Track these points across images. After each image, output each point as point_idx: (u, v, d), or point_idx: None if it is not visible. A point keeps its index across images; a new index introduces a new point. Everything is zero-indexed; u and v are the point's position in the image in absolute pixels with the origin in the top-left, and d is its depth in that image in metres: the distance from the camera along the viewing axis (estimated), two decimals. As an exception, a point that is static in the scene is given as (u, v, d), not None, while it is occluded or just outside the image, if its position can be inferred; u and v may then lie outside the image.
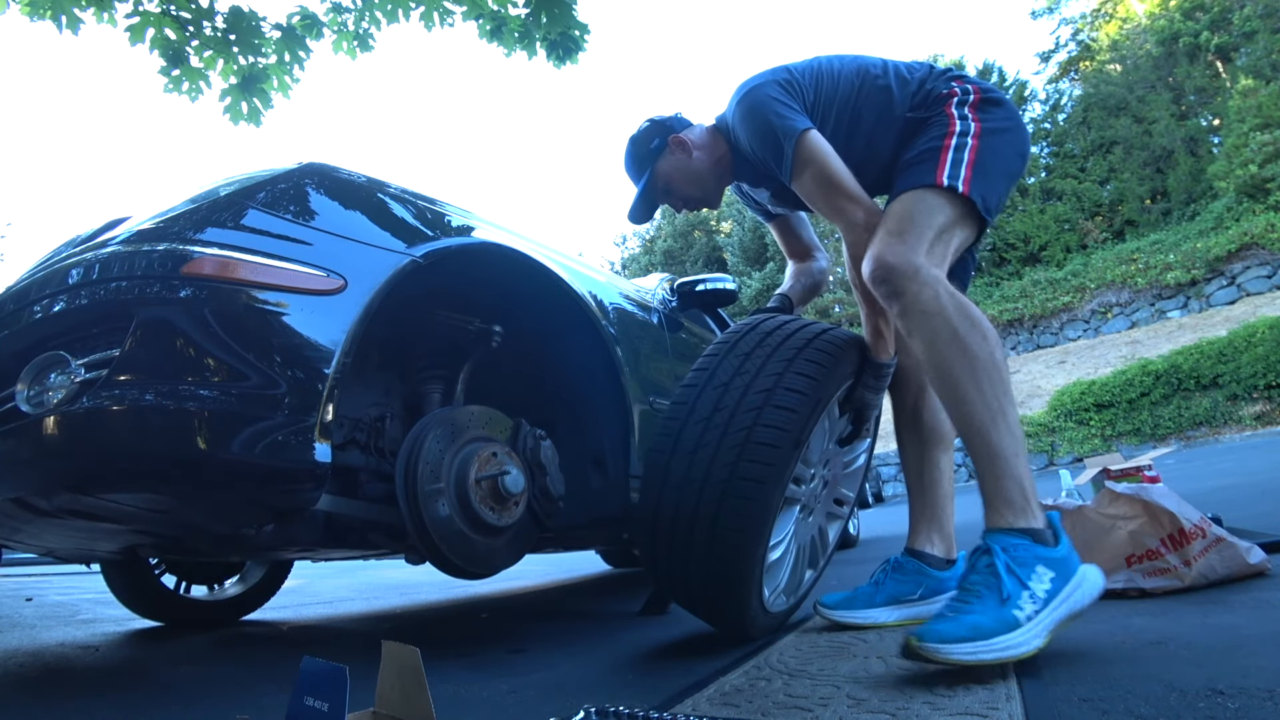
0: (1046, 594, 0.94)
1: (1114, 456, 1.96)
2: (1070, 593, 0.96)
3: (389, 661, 0.76)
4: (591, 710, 0.74)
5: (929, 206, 1.20)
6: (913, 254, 1.14)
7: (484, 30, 3.62)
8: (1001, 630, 0.90)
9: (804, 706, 0.87)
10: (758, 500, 1.14)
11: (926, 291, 1.12)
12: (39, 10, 3.14)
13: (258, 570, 2.42)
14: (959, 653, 0.88)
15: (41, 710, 1.14)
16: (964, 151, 1.24)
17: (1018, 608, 0.92)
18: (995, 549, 0.98)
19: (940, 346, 1.10)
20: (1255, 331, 9.95)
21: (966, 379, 1.08)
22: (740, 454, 1.15)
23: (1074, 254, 19.71)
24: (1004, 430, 1.06)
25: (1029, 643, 0.90)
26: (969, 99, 1.31)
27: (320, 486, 1.06)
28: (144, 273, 1.02)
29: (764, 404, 1.18)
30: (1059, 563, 0.98)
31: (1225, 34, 19.67)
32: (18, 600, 3.17)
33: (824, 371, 1.24)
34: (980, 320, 1.12)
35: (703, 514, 1.16)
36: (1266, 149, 15.30)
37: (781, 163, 1.30)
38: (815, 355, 1.25)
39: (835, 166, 1.27)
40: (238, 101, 3.55)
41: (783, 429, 1.16)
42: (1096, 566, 1.03)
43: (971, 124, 1.27)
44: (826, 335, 1.32)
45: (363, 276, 1.15)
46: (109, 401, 0.94)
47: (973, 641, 0.88)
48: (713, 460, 1.17)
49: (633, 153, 1.56)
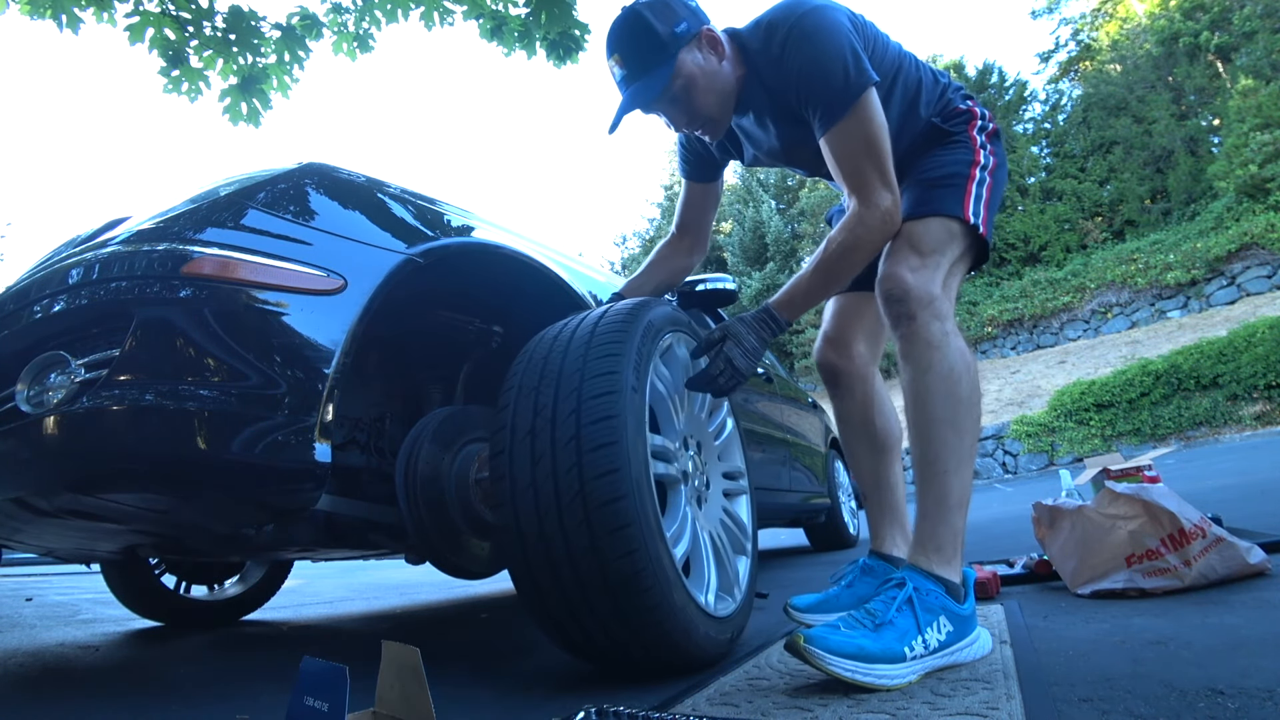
0: (939, 643, 0.98)
1: (1114, 456, 1.96)
2: (959, 649, 1.01)
3: (389, 661, 0.76)
4: (591, 710, 0.74)
5: (951, 236, 1.21)
6: (932, 283, 1.15)
7: (484, 30, 3.63)
8: (884, 660, 0.92)
9: (804, 707, 0.87)
10: (622, 488, 0.98)
11: (936, 325, 1.12)
12: (39, 10, 3.15)
13: (258, 570, 2.42)
14: (838, 666, 0.90)
15: (41, 710, 1.14)
16: (984, 188, 1.24)
17: (908, 645, 0.95)
18: (909, 585, 1.01)
19: (931, 380, 1.11)
20: (1255, 331, 9.95)
21: (946, 419, 1.10)
22: (579, 451, 0.99)
23: (1074, 254, 19.71)
24: (963, 480, 1.09)
25: (903, 677, 0.93)
26: (988, 127, 1.31)
27: (320, 486, 1.06)
28: (144, 273, 1.02)
29: (579, 398, 1.03)
30: (961, 619, 1.02)
31: (1225, 34, 19.67)
32: (18, 600, 3.17)
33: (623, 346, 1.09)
34: (973, 370, 1.14)
35: (572, 528, 0.98)
36: (1266, 149, 15.29)
37: (831, 104, 1.14)
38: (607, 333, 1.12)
39: (886, 136, 1.16)
40: (237, 102, 3.55)
41: (610, 416, 1.01)
42: (989, 633, 1.09)
43: (990, 158, 1.27)
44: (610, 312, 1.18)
45: (363, 276, 1.15)
46: (109, 401, 0.94)
47: (854, 661, 0.90)
48: (554, 471, 1.00)
49: (646, 30, 1.19)
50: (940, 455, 1.09)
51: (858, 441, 1.47)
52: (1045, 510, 1.59)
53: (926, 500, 1.09)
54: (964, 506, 1.08)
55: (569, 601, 1.01)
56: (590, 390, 1.03)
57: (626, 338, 1.10)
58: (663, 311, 1.25)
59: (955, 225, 1.21)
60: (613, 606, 0.99)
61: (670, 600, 1.01)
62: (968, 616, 1.03)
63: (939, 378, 1.10)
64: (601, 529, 0.97)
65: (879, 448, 1.45)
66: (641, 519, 0.99)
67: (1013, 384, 14.37)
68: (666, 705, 0.94)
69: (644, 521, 0.99)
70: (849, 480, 4.17)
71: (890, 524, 1.44)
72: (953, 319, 1.16)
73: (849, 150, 1.16)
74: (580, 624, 1.03)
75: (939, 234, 1.20)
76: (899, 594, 1.00)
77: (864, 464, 1.47)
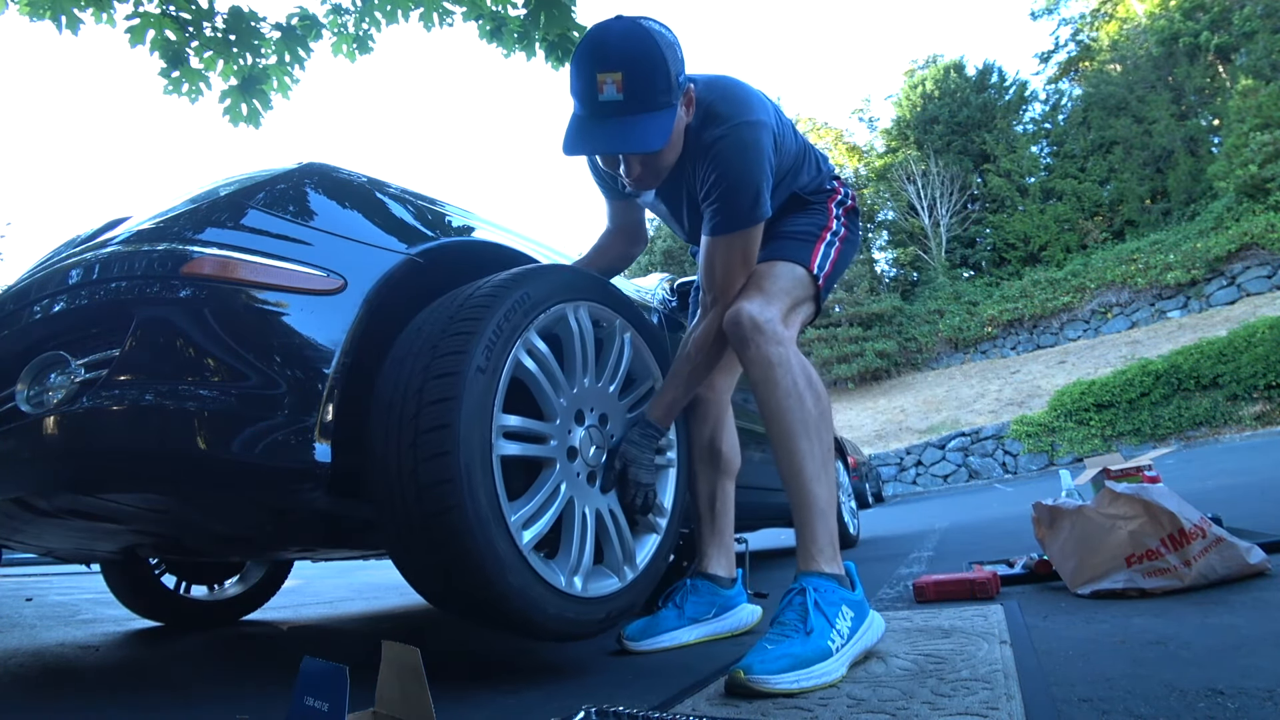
0: (849, 630, 1.05)
1: (1114, 456, 1.96)
2: (864, 631, 1.08)
3: (389, 661, 0.76)
4: (591, 710, 0.74)
5: (797, 280, 1.34)
6: (770, 311, 1.24)
7: (483, 31, 3.63)
8: (818, 659, 0.97)
9: (804, 707, 0.87)
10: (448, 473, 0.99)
11: (775, 348, 1.21)
12: (38, 11, 3.15)
13: (258, 570, 2.42)
14: (785, 682, 0.92)
15: (41, 710, 1.14)
16: (832, 249, 1.40)
17: (830, 640, 1.01)
18: (808, 589, 1.07)
19: (780, 396, 1.19)
20: (1255, 331, 9.96)
21: (800, 431, 1.18)
22: (416, 431, 1.01)
23: (1074, 254, 19.73)
24: (826, 484, 1.17)
25: (838, 670, 0.98)
26: (847, 203, 1.47)
27: (320, 486, 1.06)
28: (144, 273, 1.02)
29: (425, 376, 1.04)
30: (857, 604, 1.10)
31: (1225, 34, 19.69)
32: (18, 600, 3.17)
33: (479, 324, 1.08)
34: (817, 383, 1.24)
35: (406, 507, 1.01)
36: (1266, 149, 15.31)
37: (730, 220, 1.25)
38: (470, 307, 1.11)
39: (755, 257, 1.32)
40: (237, 102, 3.55)
41: (447, 398, 1.01)
42: (880, 616, 1.16)
43: (842, 228, 1.44)
44: (483, 286, 1.17)
45: (362, 276, 1.15)
46: (109, 401, 0.94)
47: (795, 670, 0.94)
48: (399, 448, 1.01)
49: (662, 63, 1.11)
50: (804, 465, 1.17)
51: (702, 464, 1.52)
52: (1045, 510, 1.59)
53: (802, 510, 1.16)
54: (833, 508, 1.18)
55: (418, 575, 1.09)
56: (436, 369, 1.04)
57: (487, 314, 1.10)
58: (552, 281, 1.22)
59: (800, 271, 1.35)
60: (447, 586, 1.05)
61: (505, 582, 1.03)
62: (861, 601, 1.12)
63: (786, 393, 1.19)
64: (429, 512, 0.99)
65: (720, 470, 1.52)
66: (469, 504, 0.99)
67: (1013, 384, 14.37)
68: (666, 705, 0.94)
69: (470, 507, 1.00)
70: (848, 480, 4.18)
71: (716, 546, 1.49)
72: (794, 345, 1.25)
73: (728, 260, 1.29)
74: (436, 595, 1.11)
75: (785, 277, 1.32)
76: (802, 600, 1.06)
77: (704, 487, 1.52)
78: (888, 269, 25.33)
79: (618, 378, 1.37)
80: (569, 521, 1.21)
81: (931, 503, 8.25)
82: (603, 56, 1.10)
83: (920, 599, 1.63)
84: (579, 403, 1.27)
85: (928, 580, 1.65)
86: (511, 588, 1.04)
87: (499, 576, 1.03)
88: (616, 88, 1.10)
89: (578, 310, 1.27)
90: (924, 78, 25.88)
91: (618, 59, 1.10)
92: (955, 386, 15.78)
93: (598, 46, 1.12)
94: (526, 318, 1.16)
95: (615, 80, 1.09)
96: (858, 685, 0.95)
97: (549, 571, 1.13)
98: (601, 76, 1.10)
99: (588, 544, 1.22)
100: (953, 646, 1.11)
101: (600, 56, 1.10)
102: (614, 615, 1.24)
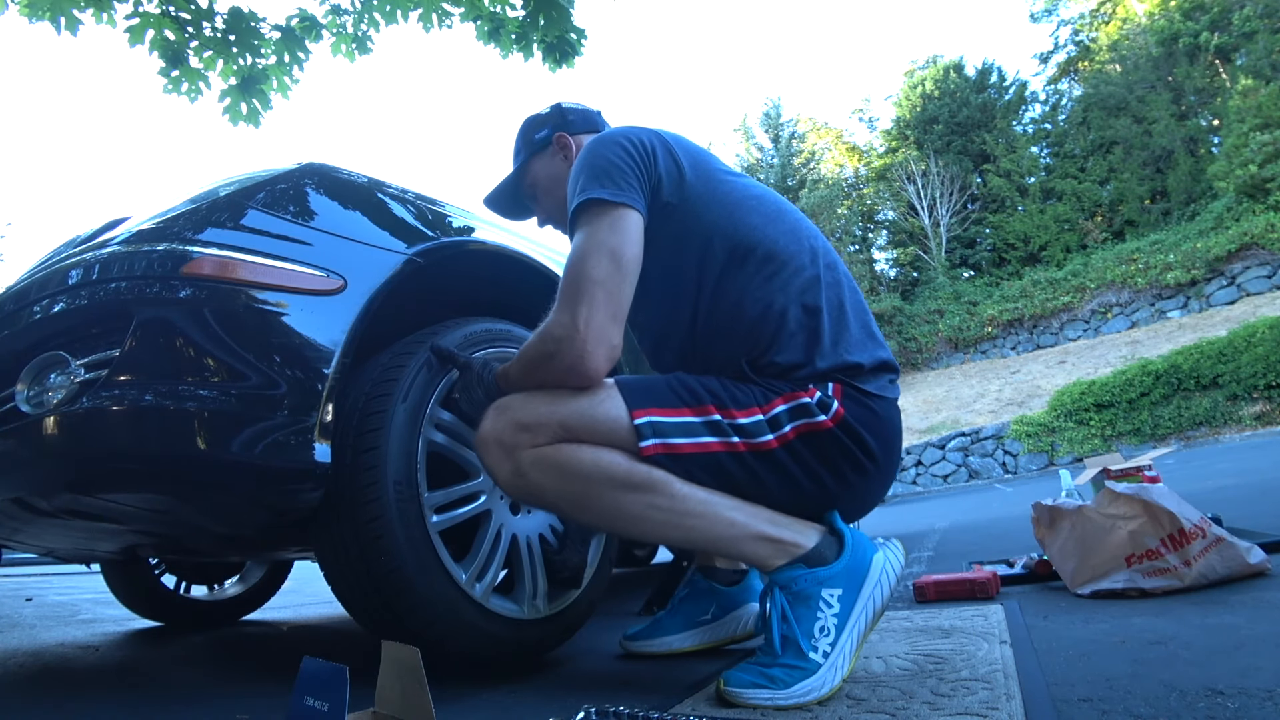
0: (838, 617, 0.92)
1: (1114, 456, 1.96)
2: (867, 596, 0.94)
3: (389, 661, 0.76)
4: (591, 710, 0.74)
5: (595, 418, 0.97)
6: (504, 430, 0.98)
7: (481, 32, 3.63)
8: (796, 679, 0.89)
9: (804, 707, 0.87)
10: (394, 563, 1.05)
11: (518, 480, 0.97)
12: (38, 11, 3.15)
13: (258, 570, 2.42)
14: (758, 699, 0.88)
15: (41, 710, 1.14)
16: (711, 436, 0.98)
17: (811, 649, 0.91)
18: (776, 591, 0.95)
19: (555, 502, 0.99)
20: (1255, 331, 9.95)
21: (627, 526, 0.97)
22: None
23: (1074, 254, 19.73)
24: (699, 526, 0.95)
25: (830, 680, 0.90)
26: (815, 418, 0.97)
27: (320, 486, 1.06)
28: (144, 273, 1.02)
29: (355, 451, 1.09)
30: (844, 574, 0.94)
31: (1225, 34, 19.68)
32: (18, 600, 3.18)
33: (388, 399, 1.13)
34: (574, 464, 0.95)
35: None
36: (1266, 149, 15.30)
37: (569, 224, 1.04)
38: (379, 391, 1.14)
39: (605, 261, 0.95)
40: (237, 102, 3.56)
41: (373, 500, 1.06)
42: (895, 543, 1.00)
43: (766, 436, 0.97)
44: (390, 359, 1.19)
45: (363, 276, 1.15)
46: (109, 402, 0.94)
47: (770, 690, 0.88)
48: None
49: (519, 135, 1.34)
50: (667, 537, 0.98)
51: None
52: (1045, 510, 1.59)
53: (712, 550, 1.07)
54: (720, 518, 0.95)
55: None
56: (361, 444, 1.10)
57: (390, 402, 1.12)
58: (445, 344, 1.20)
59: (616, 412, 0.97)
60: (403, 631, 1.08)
61: (471, 641, 1.12)
62: (847, 564, 0.95)
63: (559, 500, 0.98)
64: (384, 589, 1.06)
65: None
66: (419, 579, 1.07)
67: (1013, 384, 14.37)
68: (666, 705, 0.94)
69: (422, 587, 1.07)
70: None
71: None
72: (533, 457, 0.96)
73: (567, 259, 1.00)
74: None
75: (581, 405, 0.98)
76: (774, 603, 0.95)
77: None
78: (887, 269, 25.34)
79: None
80: (518, 554, 1.25)
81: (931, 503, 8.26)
82: None
83: (920, 599, 1.63)
84: None
85: (928, 580, 1.65)
86: (480, 636, 1.13)
87: (459, 628, 1.10)
88: None
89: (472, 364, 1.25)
90: (924, 78, 25.86)
91: None
92: (955, 386, 15.78)
93: None
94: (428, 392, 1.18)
95: None
96: (858, 685, 0.95)
97: (515, 603, 1.20)
98: None
99: (540, 568, 1.27)
100: (953, 646, 1.11)
101: None
102: (576, 622, 1.31)
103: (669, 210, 1.04)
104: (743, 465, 0.97)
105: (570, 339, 0.94)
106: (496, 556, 1.20)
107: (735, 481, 0.98)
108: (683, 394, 0.99)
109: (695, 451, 0.96)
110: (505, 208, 1.37)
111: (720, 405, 0.98)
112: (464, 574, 1.13)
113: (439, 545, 1.11)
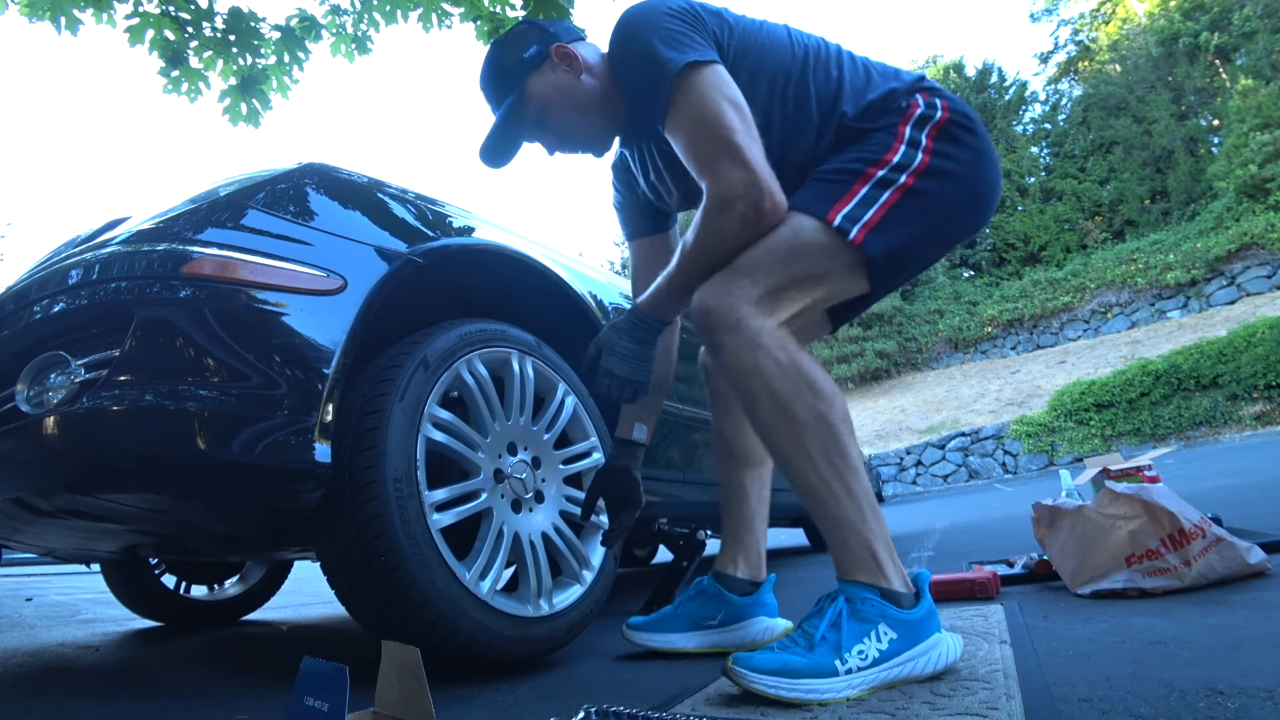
0: (880, 653, 0.92)
1: (1114, 456, 1.96)
2: (913, 658, 0.94)
3: (389, 661, 0.76)
4: (591, 710, 0.74)
5: (798, 244, 1.00)
6: (734, 299, 0.99)
7: (481, 32, 3.62)
8: (811, 674, 0.88)
9: (804, 704, 0.87)
10: (395, 560, 1.06)
11: (746, 353, 0.98)
12: (38, 11, 3.14)
13: (258, 570, 2.42)
14: (761, 684, 0.87)
15: (41, 710, 1.14)
16: (884, 191, 1.02)
17: (840, 659, 0.90)
18: (841, 598, 0.96)
19: (761, 412, 0.99)
20: (1255, 331, 9.96)
21: (792, 447, 0.98)
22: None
23: (1074, 254, 19.73)
24: (843, 498, 0.98)
25: (839, 691, 0.89)
26: (934, 117, 1.06)
27: (320, 486, 1.06)
28: (144, 273, 1.02)
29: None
30: (906, 625, 0.94)
31: (1225, 34, 19.70)
32: (18, 600, 3.18)
33: (385, 403, 1.14)
34: (811, 374, 0.99)
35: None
36: (1266, 149, 15.30)
37: (654, 98, 1.03)
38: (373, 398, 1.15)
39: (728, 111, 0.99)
40: (237, 102, 3.55)
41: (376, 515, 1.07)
42: (959, 639, 1.00)
43: (918, 156, 1.04)
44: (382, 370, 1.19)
45: (362, 276, 1.15)
46: (109, 402, 0.94)
47: (778, 677, 0.88)
48: None
49: (495, 63, 1.19)
50: (808, 485, 0.99)
51: (719, 450, 1.35)
52: (1045, 510, 1.59)
53: (823, 530, 1.02)
54: (866, 518, 0.98)
55: None
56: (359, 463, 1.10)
57: (387, 404, 1.13)
58: (441, 344, 1.22)
59: (808, 228, 1.01)
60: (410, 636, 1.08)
61: (475, 639, 1.12)
62: (916, 622, 0.95)
63: (767, 408, 0.99)
64: (386, 587, 1.07)
65: (736, 460, 1.33)
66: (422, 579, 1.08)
67: (1013, 384, 14.37)
68: (666, 705, 0.94)
69: (424, 584, 1.08)
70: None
71: (731, 543, 1.33)
72: (772, 335, 0.99)
73: (685, 136, 1.01)
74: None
75: (778, 237, 1.01)
76: (831, 607, 0.95)
77: (721, 474, 1.34)
78: (888, 269, 25.32)
79: (528, 407, 1.37)
80: (522, 553, 1.25)
81: (931, 502, 8.26)
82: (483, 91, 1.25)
83: (920, 599, 1.62)
84: (495, 449, 1.30)
85: (928, 580, 1.65)
86: (484, 638, 1.13)
87: (469, 633, 1.11)
88: (487, 104, 1.24)
89: (466, 363, 1.27)
90: (924, 78, 25.87)
91: (480, 85, 1.25)
92: (955, 386, 15.78)
93: None
94: (424, 394, 1.19)
95: (484, 100, 1.25)
96: (858, 685, 0.95)
97: (521, 603, 1.22)
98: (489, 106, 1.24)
99: (544, 565, 1.28)
100: (953, 646, 1.11)
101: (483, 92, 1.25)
102: (583, 620, 1.32)
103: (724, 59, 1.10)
104: (918, 196, 1.03)
105: (750, 185, 0.98)
106: (499, 554, 1.20)
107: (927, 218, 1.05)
108: (843, 180, 1.04)
109: (885, 213, 1.01)
110: (502, 150, 1.23)
111: (872, 163, 1.04)
112: (467, 572, 1.14)
113: (440, 543, 1.11)
